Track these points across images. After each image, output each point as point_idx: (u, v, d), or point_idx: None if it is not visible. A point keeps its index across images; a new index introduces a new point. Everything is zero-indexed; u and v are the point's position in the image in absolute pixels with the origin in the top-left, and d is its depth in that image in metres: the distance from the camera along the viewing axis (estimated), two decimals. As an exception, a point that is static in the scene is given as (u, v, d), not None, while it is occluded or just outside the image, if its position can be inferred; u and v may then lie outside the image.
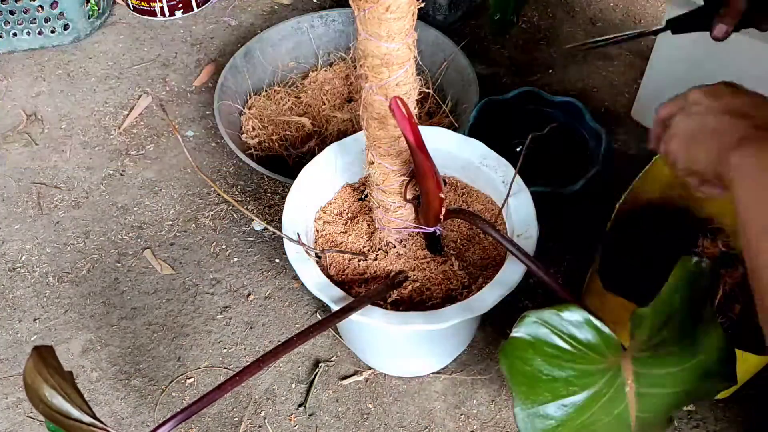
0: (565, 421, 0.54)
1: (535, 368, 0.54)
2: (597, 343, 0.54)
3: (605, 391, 0.55)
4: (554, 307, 0.54)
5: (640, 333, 0.54)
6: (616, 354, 0.55)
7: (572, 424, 0.54)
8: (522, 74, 1.22)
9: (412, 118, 0.62)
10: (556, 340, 0.54)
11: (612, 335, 0.55)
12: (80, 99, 1.23)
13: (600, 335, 0.54)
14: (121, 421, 0.86)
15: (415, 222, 0.77)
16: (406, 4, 0.57)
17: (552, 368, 0.54)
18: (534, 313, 0.54)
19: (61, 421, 0.52)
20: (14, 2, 1.23)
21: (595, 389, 0.55)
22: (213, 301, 0.96)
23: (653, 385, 0.55)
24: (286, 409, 0.86)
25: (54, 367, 0.53)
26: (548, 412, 0.54)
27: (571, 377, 0.54)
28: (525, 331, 0.54)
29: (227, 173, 1.11)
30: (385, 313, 0.69)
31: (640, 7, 1.33)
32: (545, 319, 0.54)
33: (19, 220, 1.07)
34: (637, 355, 0.55)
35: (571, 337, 0.54)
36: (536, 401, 0.54)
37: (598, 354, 0.55)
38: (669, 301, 0.53)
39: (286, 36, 1.18)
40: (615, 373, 0.55)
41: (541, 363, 0.54)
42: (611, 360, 0.55)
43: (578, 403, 0.54)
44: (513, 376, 0.54)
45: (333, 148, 0.83)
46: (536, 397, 0.54)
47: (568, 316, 0.54)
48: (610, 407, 0.55)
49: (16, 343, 0.93)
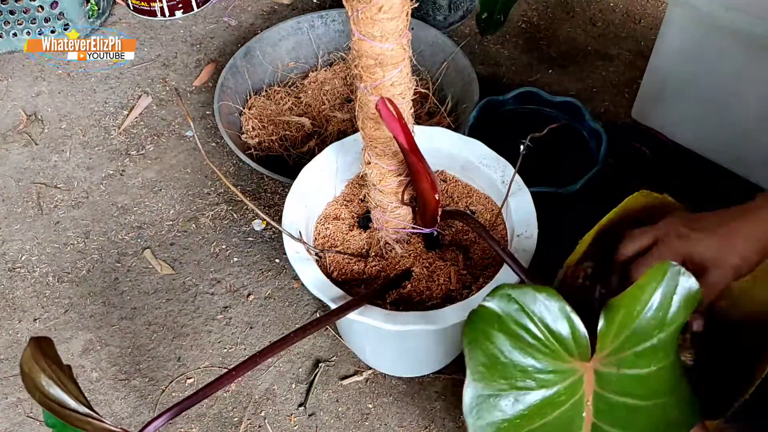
0: (514, 419, 0.51)
1: (497, 347, 0.51)
2: (566, 337, 0.51)
3: (563, 399, 0.52)
4: (532, 286, 0.52)
5: (608, 333, 0.51)
6: (582, 357, 0.52)
7: (521, 426, 0.51)
8: (522, 74, 1.22)
9: (402, 118, 0.62)
10: (525, 320, 0.51)
11: (585, 335, 0.52)
12: (80, 99, 1.23)
13: (573, 330, 0.51)
14: (121, 421, 0.86)
15: (413, 223, 0.77)
16: (399, 4, 0.57)
17: (513, 350, 0.51)
18: (509, 287, 0.51)
19: (57, 411, 0.52)
20: (14, 2, 1.23)
21: (552, 391, 0.52)
22: (213, 301, 0.96)
23: (611, 416, 0.52)
24: (286, 409, 0.86)
25: (52, 357, 0.53)
26: (500, 403, 0.51)
27: (530, 368, 0.51)
28: (496, 303, 0.51)
29: (227, 173, 1.11)
30: (385, 312, 0.69)
31: (640, 8, 1.33)
32: (518, 296, 0.51)
33: (19, 220, 1.07)
34: (600, 369, 0.52)
35: (541, 321, 0.51)
36: (490, 386, 0.51)
37: (565, 350, 0.52)
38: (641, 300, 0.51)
39: (286, 36, 1.18)
40: (576, 381, 0.52)
41: (504, 342, 0.51)
42: (575, 363, 0.52)
43: (533, 402, 0.51)
44: (472, 350, 0.51)
45: (333, 148, 0.83)
46: (491, 382, 0.51)
47: (544, 299, 0.51)
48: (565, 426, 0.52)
49: (16, 343, 0.93)
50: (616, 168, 1.03)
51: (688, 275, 0.51)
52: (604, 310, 0.52)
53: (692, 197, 0.76)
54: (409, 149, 0.63)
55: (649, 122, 1.10)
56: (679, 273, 0.51)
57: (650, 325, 0.51)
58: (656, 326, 0.51)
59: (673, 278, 0.51)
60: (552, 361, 0.52)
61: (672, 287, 0.51)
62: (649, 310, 0.51)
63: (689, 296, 0.51)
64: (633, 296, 0.51)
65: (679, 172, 1.04)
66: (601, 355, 0.52)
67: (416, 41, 1.13)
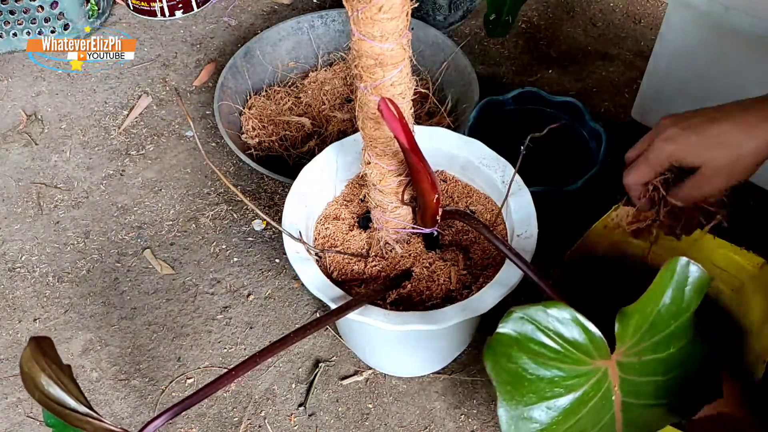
0: (551, 425, 0.53)
1: (520, 366, 0.52)
2: (583, 343, 0.53)
3: (591, 395, 0.54)
4: (541, 303, 0.53)
5: (624, 335, 0.53)
6: (602, 356, 0.54)
7: (558, 430, 0.53)
8: (522, 74, 1.22)
9: (403, 118, 0.62)
10: (542, 338, 0.53)
11: (599, 335, 0.53)
12: (80, 99, 1.23)
13: (587, 334, 0.53)
14: (121, 421, 0.86)
15: (413, 223, 0.77)
16: (399, 4, 0.57)
17: (537, 367, 0.53)
18: (520, 309, 0.53)
19: (57, 410, 0.52)
20: (14, 2, 1.23)
21: (580, 392, 0.53)
22: (213, 301, 0.96)
23: (637, 394, 0.54)
24: (286, 409, 0.86)
25: (51, 357, 0.53)
26: (533, 415, 0.52)
27: (556, 378, 0.53)
28: (511, 327, 0.53)
29: (227, 173, 1.11)
30: (385, 312, 0.69)
31: (640, 8, 1.33)
32: (531, 315, 0.53)
33: (19, 220, 1.07)
34: (622, 360, 0.54)
35: (557, 334, 0.53)
36: (521, 402, 0.52)
37: (585, 354, 0.53)
38: (655, 301, 0.52)
39: (286, 36, 1.18)
40: (601, 377, 0.54)
41: (526, 361, 0.52)
42: (598, 363, 0.54)
43: (564, 406, 0.53)
44: (497, 374, 0.52)
45: (333, 148, 0.83)
46: (521, 398, 0.52)
47: (554, 313, 0.53)
48: (597, 415, 0.54)
49: (16, 343, 0.93)
50: (616, 168, 1.03)
51: (696, 265, 0.53)
52: (618, 316, 0.53)
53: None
54: (410, 149, 0.63)
55: (649, 122, 1.10)
56: (688, 264, 0.53)
57: (665, 318, 0.53)
58: (672, 317, 0.53)
59: (682, 272, 0.53)
60: (575, 366, 0.54)
61: (683, 280, 0.53)
62: (662, 307, 0.53)
63: (699, 283, 0.53)
64: (645, 302, 0.53)
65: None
66: (621, 350, 0.54)
67: (416, 41, 1.13)
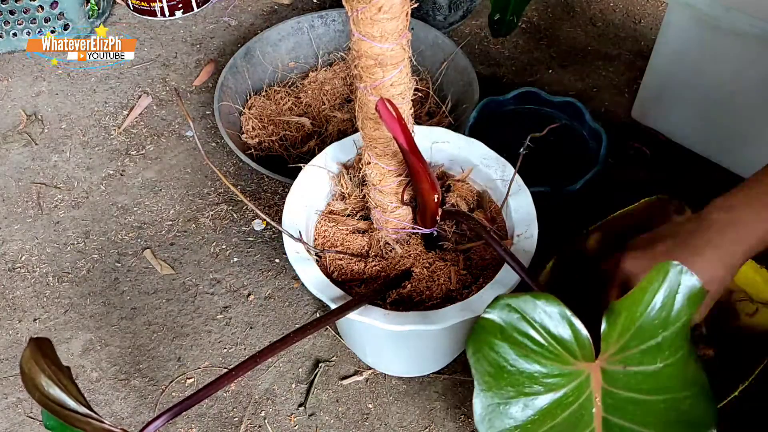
0: (526, 424, 0.51)
1: (502, 356, 0.51)
2: (569, 341, 0.52)
3: (571, 399, 0.52)
4: (531, 293, 0.52)
5: (611, 335, 0.52)
6: (587, 358, 0.53)
7: (533, 430, 0.52)
8: (522, 74, 1.22)
9: (402, 119, 0.62)
10: (527, 329, 0.52)
11: (586, 335, 0.52)
12: (80, 99, 1.23)
13: (574, 332, 0.52)
14: (121, 421, 0.86)
15: (413, 223, 0.77)
16: (399, 4, 0.57)
17: (518, 358, 0.52)
18: (508, 297, 0.52)
19: (56, 411, 0.52)
20: (14, 2, 1.23)
21: (560, 393, 0.52)
22: (213, 301, 0.96)
23: (620, 412, 0.52)
24: (286, 409, 0.86)
25: (51, 358, 0.53)
26: (510, 410, 0.51)
27: (537, 374, 0.52)
28: (497, 314, 0.52)
29: (227, 173, 1.11)
30: (385, 312, 0.69)
31: (640, 8, 1.33)
32: (518, 305, 0.52)
33: (19, 220, 1.07)
34: (606, 367, 0.53)
35: (543, 327, 0.52)
36: (498, 395, 0.51)
37: (569, 352, 0.52)
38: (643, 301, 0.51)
39: (286, 36, 1.18)
40: (583, 381, 0.53)
41: (508, 350, 0.51)
42: (581, 365, 0.53)
43: (542, 406, 0.52)
44: (478, 362, 0.51)
45: (333, 148, 0.83)
46: (499, 390, 0.51)
47: (543, 305, 0.52)
48: (575, 427, 0.52)
49: (16, 343, 0.93)
50: (616, 168, 1.03)
51: (690, 274, 0.51)
52: (605, 313, 0.52)
53: (692, 197, 0.77)
54: (409, 150, 0.63)
55: (649, 122, 1.10)
56: (681, 272, 0.51)
57: (654, 324, 0.51)
58: (660, 325, 0.51)
59: (675, 278, 0.51)
60: (557, 365, 0.52)
61: (675, 286, 0.51)
62: (651, 310, 0.51)
63: (692, 294, 0.51)
64: (634, 300, 0.52)
65: (679, 172, 1.04)
66: (606, 355, 0.53)
67: (416, 41, 1.13)
